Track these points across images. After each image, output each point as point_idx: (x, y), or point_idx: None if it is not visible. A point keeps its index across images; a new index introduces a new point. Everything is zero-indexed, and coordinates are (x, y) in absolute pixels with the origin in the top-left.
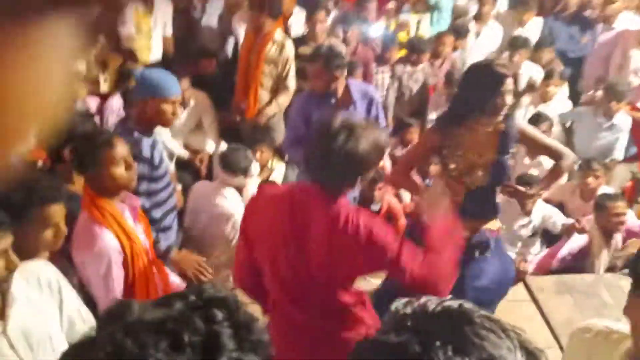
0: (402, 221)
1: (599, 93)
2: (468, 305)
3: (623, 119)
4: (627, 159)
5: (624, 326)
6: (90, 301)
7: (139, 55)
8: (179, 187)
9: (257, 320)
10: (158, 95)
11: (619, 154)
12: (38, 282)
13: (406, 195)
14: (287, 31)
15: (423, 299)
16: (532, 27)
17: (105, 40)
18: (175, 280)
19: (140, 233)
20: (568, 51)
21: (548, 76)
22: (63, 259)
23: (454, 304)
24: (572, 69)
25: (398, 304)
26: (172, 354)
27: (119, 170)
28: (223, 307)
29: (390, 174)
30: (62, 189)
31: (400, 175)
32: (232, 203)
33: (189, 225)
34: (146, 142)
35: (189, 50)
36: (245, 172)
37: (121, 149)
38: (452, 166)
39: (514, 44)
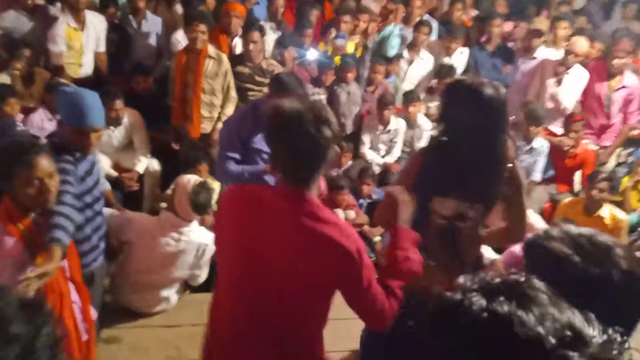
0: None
1: (519, 118)
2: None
3: (541, 142)
4: (545, 181)
5: None
6: None
7: (69, 71)
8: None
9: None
10: (79, 123)
11: (537, 175)
12: None
13: (340, 215)
14: (232, 50)
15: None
16: (459, 57)
17: (32, 54)
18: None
19: None
20: (491, 80)
21: None
22: None
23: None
24: None
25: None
26: None
27: (32, 191)
28: None
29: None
30: None
31: None
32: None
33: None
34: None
35: (122, 67)
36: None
37: (40, 169)
38: None
39: (440, 72)
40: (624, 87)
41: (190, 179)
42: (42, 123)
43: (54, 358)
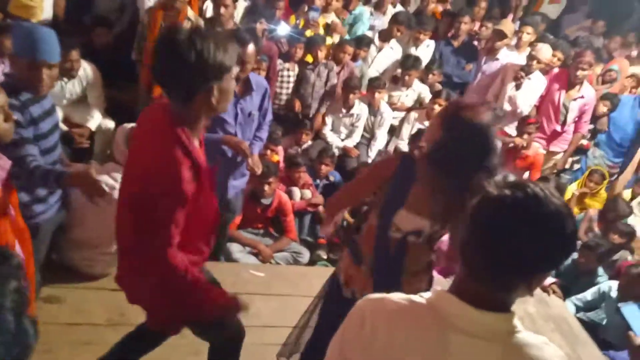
0: (291, 217)
1: None
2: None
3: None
4: None
5: None
6: None
7: (31, 15)
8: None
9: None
10: (31, 56)
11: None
12: None
13: (297, 193)
14: (202, 12)
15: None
16: (425, 50)
17: None
18: None
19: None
20: (453, 76)
21: (436, 95)
22: None
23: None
24: (455, 94)
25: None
26: None
27: None
28: None
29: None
30: None
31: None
32: None
33: None
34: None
35: (82, 18)
36: None
37: (3, 99)
38: None
39: (406, 63)
40: (582, 97)
41: (129, 125)
42: None
43: (21, 317)
